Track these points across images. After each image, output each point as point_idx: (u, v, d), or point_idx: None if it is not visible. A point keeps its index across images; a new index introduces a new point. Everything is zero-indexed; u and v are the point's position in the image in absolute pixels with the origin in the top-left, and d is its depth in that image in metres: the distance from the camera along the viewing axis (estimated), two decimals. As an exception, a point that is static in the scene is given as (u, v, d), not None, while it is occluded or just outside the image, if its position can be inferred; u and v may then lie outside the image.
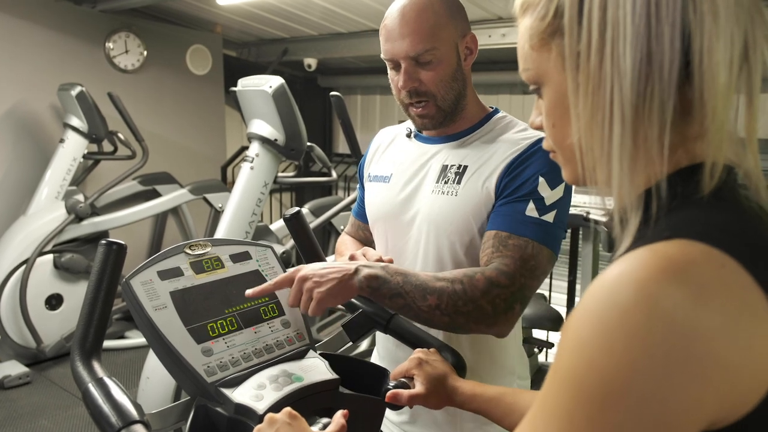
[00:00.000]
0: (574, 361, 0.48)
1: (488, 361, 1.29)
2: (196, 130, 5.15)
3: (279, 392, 0.99)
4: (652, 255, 0.48)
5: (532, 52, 0.63)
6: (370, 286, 1.10)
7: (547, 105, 0.64)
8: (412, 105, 1.26)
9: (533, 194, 1.16)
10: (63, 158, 4.03)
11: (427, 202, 1.28)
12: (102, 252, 0.98)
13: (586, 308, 0.49)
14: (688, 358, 0.44)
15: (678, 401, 0.45)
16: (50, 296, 3.92)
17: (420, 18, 1.20)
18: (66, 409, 3.37)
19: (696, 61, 0.52)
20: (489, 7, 3.68)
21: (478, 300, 1.09)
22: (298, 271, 1.10)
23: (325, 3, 4.06)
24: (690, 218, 0.53)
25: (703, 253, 0.48)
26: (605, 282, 0.49)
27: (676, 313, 0.45)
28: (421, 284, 1.10)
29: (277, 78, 2.87)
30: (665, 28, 0.52)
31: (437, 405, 1.02)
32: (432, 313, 1.10)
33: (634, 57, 0.52)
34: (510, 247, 1.14)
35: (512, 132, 1.26)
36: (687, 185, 0.55)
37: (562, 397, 0.49)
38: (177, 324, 1.01)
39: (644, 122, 0.53)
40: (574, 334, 0.49)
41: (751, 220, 0.54)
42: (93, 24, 4.48)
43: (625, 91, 0.53)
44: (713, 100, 0.53)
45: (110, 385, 0.91)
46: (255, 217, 2.98)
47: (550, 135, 0.66)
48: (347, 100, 5.89)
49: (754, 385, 0.47)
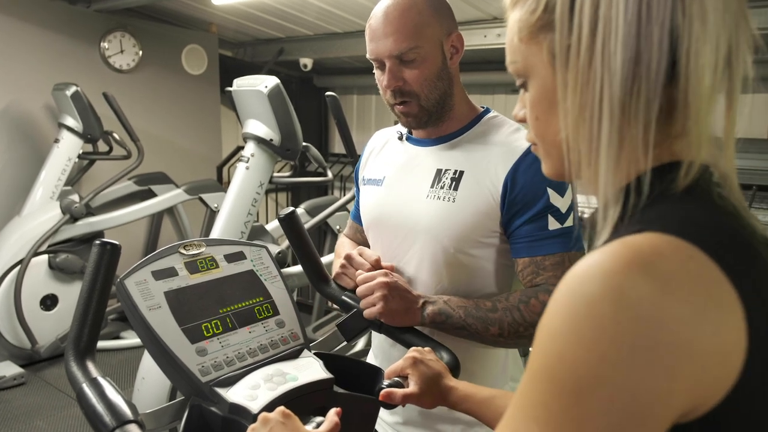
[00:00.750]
0: (547, 353, 0.49)
1: (480, 362, 1.29)
2: (192, 130, 5.14)
3: (273, 392, 0.99)
4: (621, 247, 0.49)
5: (521, 44, 0.63)
6: (434, 321, 1.20)
7: (532, 98, 0.64)
8: (397, 104, 1.27)
9: (549, 208, 1.18)
10: (58, 158, 4.02)
11: (422, 207, 1.27)
12: (96, 252, 0.98)
13: (557, 300, 0.50)
14: (656, 348, 0.45)
15: (647, 390, 0.45)
16: (45, 297, 3.91)
17: (403, 17, 1.21)
18: (61, 409, 3.36)
19: (683, 63, 0.53)
20: (484, 7, 3.69)
21: (537, 323, 1.10)
22: (384, 275, 1.20)
23: (320, 3, 4.06)
24: (662, 212, 0.54)
25: (671, 245, 0.49)
26: (575, 274, 0.50)
27: (642, 303, 0.46)
28: (482, 316, 1.18)
29: (272, 78, 2.87)
30: (655, 29, 0.52)
31: (431, 404, 1.02)
32: (496, 340, 1.20)
33: (624, 55, 0.53)
34: (549, 268, 1.18)
35: (505, 134, 1.26)
36: (662, 182, 0.56)
37: (537, 389, 0.49)
38: (171, 324, 1.02)
39: (630, 120, 0.54)
40: (547, 326, 0.50)
41: (722, 216, 0.55)
42: (88, 24, 4.47)
43: (615, 88, 0.54)
44: (697, 102, 0.53)
45: (104, 385, 0.91)
46: (250, 217, 2.98)
47: (533, 128, 0.66)
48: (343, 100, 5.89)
49: (723, 374, 0.48)
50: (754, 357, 0.49)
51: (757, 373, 0.49)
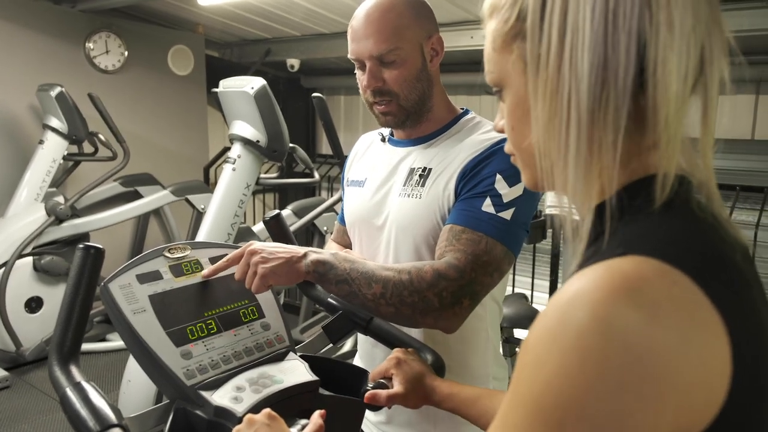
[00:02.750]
0: (532, 380, 0.48)
1: (462, 362, 1.29)
2: (178, 131, 5.12)
3: (258, 394, 0.99)
4: (606, 273, 0.49)
5: (495, 54, 0.64)
6: (317, 271, 1.12)
7: (508, 108, 0.65)
8: (376, 103, 1.28)
9: (490, 191, 1.16)
10: (42, 160, 3.98)
11: (394, 206, 1.29)
12: (80, 256, 0.98)
13: (544, 327, 0.49)
14: (644, 379, 0.45)
15: (635, 422, 0.45)
16: (30, 299, 3.88)
17: (384, 19, 1.22)
18: (46, 413, 3.33)
19: (650, 70, 0.53)
20: (470, 8, 3.70)
21: (424, 291, 1.09)
22: (250, 245, 1.12)
23: (307, 4, 4.06)
24: (643, 232, 0.53)
25: (655, 270, 0.48)
26: (561, 301, 0.49)
27: (629, 333, 0.45)
28: (368, 272, 1.12)
29: (258, 79, 2.86)
30: (622, 36, 0.53)
31: (416, 404, 1.02)
32: (377, 302, 1.11)
33: (591, 62, 0.53)
34: (463, 242, 1.14)
35: (478, 133, 1.27)
36: (639, 197, 0.56)
37: (521, 415, 0.49)
38: (156, 327, 1.01)
39: (599, 127, 0.54)
40: (532, 352, 0.49)
41: (703, 232, 0.54)
42: (72, 24, 4.44)
43: (582, 95, 0.54)
44: (665, 108, 0.53)
45: (88, 390, 0.91)
46: (237, 219, 2.98)
47: (509, 138, 0.67)
48: (330, 101, 5.89)
49: (708, 400, 0.48)
50: (738, 381, 0.48)
51: (742, 398, 0.49)
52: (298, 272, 1.12)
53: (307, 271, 1.12)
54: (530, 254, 4.04)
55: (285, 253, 1.12)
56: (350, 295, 1.13)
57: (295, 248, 1.14)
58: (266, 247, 1.12)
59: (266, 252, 1.11)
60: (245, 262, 1.11)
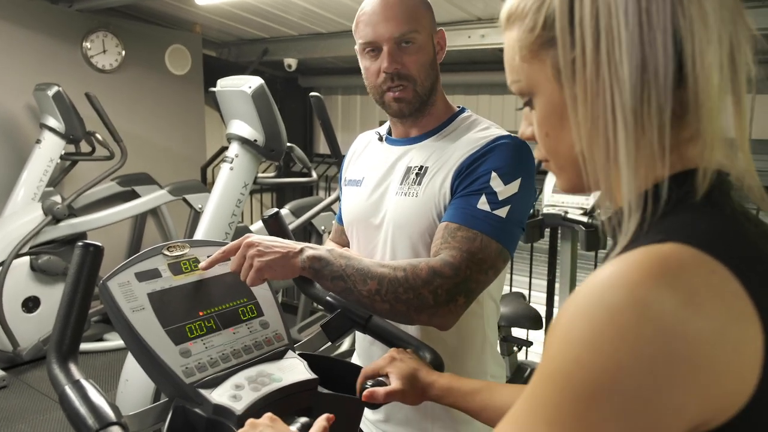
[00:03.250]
0: (563, 358, 0.49)
1: (460, 361, 1.30)
2: (176, 131, 5.11)
3: (257, 393, 0.99)
4: (645, 257, 0.49)
5: (522, 63, 0.63)
6: (313, 267, 1.12)
7: (540, 115, 0.64)
8: (390, 89, 1.27)
9: (486, 189, 1.17)
10: (39, 159, 3.97)
11: (391, 204, 1.30)
12: (78, 254, 0.98)
13: (578, 307, 0.50)
14: (675, 362, 0.45)
15: (662, 403, 0.46)
16: (27, 299, 3.87)
17: (403, 4, 1.26)
18: (44, 412, 3.33)
19: (689, 65, 0.53)
20: (468, 8, 3.70)
21: (419, 288, 1.09)
22: (247, 237, 1.13)
23: (304, 3, 4.06)
24: (683, 222, 0.54)
25: (694, 258, 0.49)
26: (597, 282, 0.49)
27: (665, 316, 0.46)
28: (364, 268, 1.12)
29: (256, 78, 2.86)
30: (658, 34, 0.53)
31: (414, 401, 1.02)
32: (372, 299, 1.11)
33: (630, 64, 0.53)
34: (458, 239, 1.14)
35: (474, 131, 1.28)
36: (680, 189, 0.56)
37: (550, 392, 0.49)
38: (155, 325, 1.01)
39: (644, 126, 0.54)
40: (564, 331, 0.50)
41: (740, 225, 0.55)
42: (70, 23, 4.43)
43: (625, 97, 0.54)
44: (708, 102, 0.54)
45: (87, 387, 0.91)
46: (235, 218, 2.97)
47: (543, 145, 0.66)
48: (328, 100, 5.89)
49: (739, 388, 0.48)
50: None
51: None
52: (293, 267, 1.12)
53: (303, 267, 1.12)
54: (528, 253, 4.04)
55: (281, 247, 1.12)
56: (345, 291, 1.13)
57: (291, 243, 1.14)
58: (263, 241, 1.12)
59: (263, 245, 1.11)
60: (241, 254, 1.11)
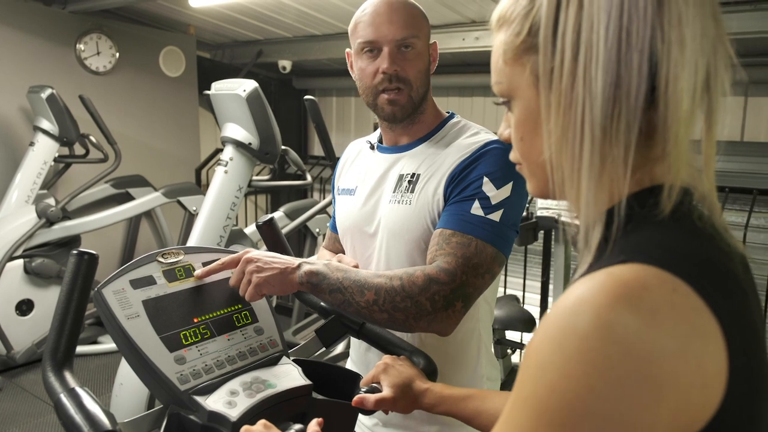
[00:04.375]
0: (536, 384, 0.50)
1: (455, 364, 1.31)
2: (170, 133, 5.11)
3: (252, 399, 1.00)
4: (608, 280, 0.51)
5: (505, 66, 0.65)
6: (310, 282, 1.13)
7: (517, 119, 0.66)
8: (386, 91, 1.28)
9: (478, 194, 1.18)
10: (33, 162, 3.97)
11: (385, 212, 1.31)
12: (73, 262, 0.98)
13: (548, 331, 0.51)
14: (643, 380, 0.47)
15: (635, 421, 0.47)
16: (21, 302, 3.86)
17: (407, 9, 1.28)
18: (37, 416, 3.32)
19: (662, 88, 0.54)
20: (463, 11, 3.71)
21: (416, 296, 1.11)
22: (246, 253, 1.14)
23: (298, 5, 4.06)
24: (645, 241, 0.55)
25: (655, 278, 0.50)
26: (565, 307, 0.51)
27: (630, 338, 0.47)
28: (360, 280, 1.13)
29: (250, 82, 2.86)
30: (634, 55, 0.54)
31: (406, 409, 1.03)
32: (370, 309, 1.12)
33: (604, 80, 0.54)
34: (453, 245, 1.15)
35: (464, 137, 1.29)
36: (644, 206, 0.57)
37: (526, 416, 0.51)
38: (150, 333, 1.02)
39: (611, 143, 0.55)
40: (536, 357, 0.51)
41: (703, 242, 0.56)
42: (63, 25, 4.42)
43: (596, 112, 0.55)
44: (676, 126, 0.55)
45: (82, 396, 0.91)
46: (229, 221, 2.97)
47: (517, 148, 0.67)
48: (322, 102, 5.89)
49: (705, 402, 0.50)
50: (734, 384, 0.50)
51: (737, 400, 0.51)
52: (291, 283, 1.14)
53: (301, 282, 1.14)
54: (522, 256, 4.06)
55: (280, 263, 1.13)
56: (344, 304, 1.14)
57: (289, 259, 1.16)
58: (262, 257, 1.13)
59: (261, 261, 1.12)
60: (240, 270, 1.13)
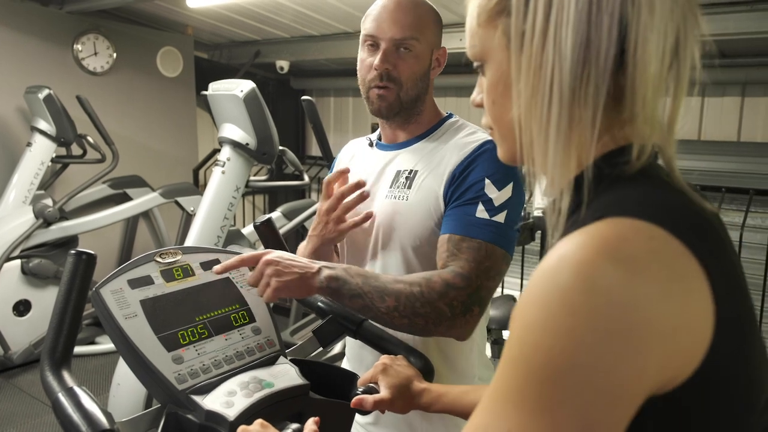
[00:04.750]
0: (522, 343, 0.51)
1: (448, 364, 1.31)
2: (168, 133, 5.10)
3: (249, 398, 1.00)
4: (587, 236, 0.51)
5: (479, 28, 0.65)
6: (330, 287, 1.13)
7: (489, 82, 0.67)
8: (377, 86, 1.30)
9: (481, 197, 1.19)
10: (30, 162, 3.97)
11: (380, 207, 1.32)
12: (71, 262, 0.98)
13: (530, 293, 0.52)
14: (628, 329, 0.47)
15: (622, 370, 0.47)
16: (18, 302, 3.86)
17: (414, 10, 1.29)
18: (35, 417, 3.32)
19: (630, 51, 0.55)
20: (459, 11, 3.72)
21: (435, 302, 1.12)
22: (266, 254, 1.13)
23: (296, 6, 4.06)
24: (619, 197, 0.56)
25: (632, 228, 0.51)
26: (546, 267, 0.51)
27: (612, 288, 0.48)
28: (380, 286, 1.13)
29: (248, 82, 2.87)
30: (605, 17, 0.55)
31: (403, 409, 1.04)
32: (391, 315, 1.13)
33: (574, 41, 0.55)
34: (464, 250, 1.16)
35: (461, 135, 1.31)
36: (614, 167, 0.58)
37: (513, 378, 0.51)
38: (147, 332, 1.02)
39: (579, 104, 0.56)
40: (521, 318, 0.52)
41: (675, 194, 0.57)
42: (60, 25, 4.42)
43: (565, 73, 0.56)
44: (643, 89, 0.56)
45: (80, 395, 0.91)
46: (227, 222, 2.98)
47: (489, 112, 0.68)
48: (320, 102, 5.89)
49: (692, 347, 0.50)
50: (721, 326, 0.51)
51: (726, 342, 0.51)
52: (311, 287, 1.14)
53: (321, 287, 1.14)
54: (519, 256, 4.06)
55: (300, 267, 1.13)
56: (364, 309, 1.14)
57: (309, 263, 1.15)
58: (282, 260, 1.12)
59: (281, 265, 1.11)
60: (260, 271, 1.12)
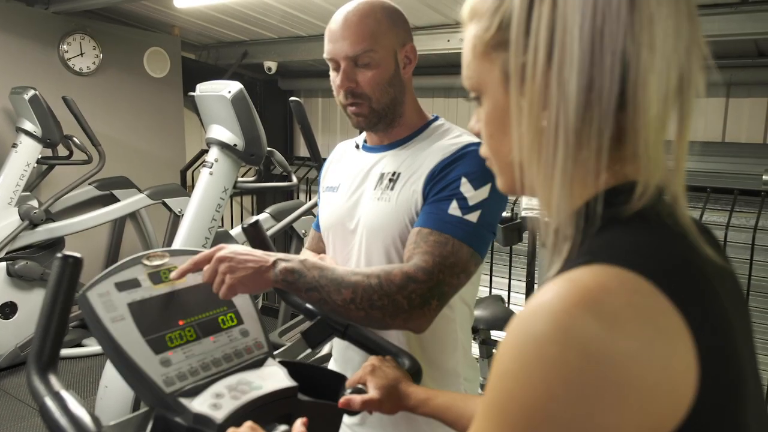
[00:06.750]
0: (499, 390, 0.50)
1: (435, 364, 1.32)
2: (155, 134, 5.08)
3: (237, 401, 1.00)
4: (568, 284, 0.49)
5: (475, 60, 0.63)
6: (286, 280, 1.13)
7: (486, 115, 0.64)
8: (349, 105, 1.32)
9: (456, 194, 1.19)
10: (16, 163, 3.93)
11: (365, 210, 1.33)
12: (58, 266, 0.98)
13: (508, 339, 0.50)
14: (604, 386, 0.45)
15: (598, 425, 0.46)
16: (4, 304, 3.82)
17: (361, 23, 1.27)
18: (21, 420, 3.29)
19: (631, 91, 0.53)
20: (448, 12, 3.73)
21: (393, 295, 1.11)
22: (219, 250, 1.12)
23: (283, 6, 4.06)
24: (611, 240, 0.54)
25: (617, 279, 0.49)
26: (525, 314, 0.50)
27: (589, 342, 0.46)
28: (337, 278, 1.13)
29: (235, 83, 2.86)
30: (607, 57, 0.52)
31: (391, 410, 1.04)
32: (347, 307, 1.12)
33: (579, 83, 0.53)
34: (430, 244, 1.16)
35: (446, 139, 1.31)
36: (612, 206, 0.56)
37: (491, 424, 0.50)
38: (135, 335, 1.02)
39: (583, 146, 0.54)
40: (498, 363, 0.51)
41: (672, 240, 0.55)
42: (46, 26, 4.38)
43: (570, 116, 0.53)
44: (645, 131, 0.53)
45: (67, 399, 0.91)
46: (215, 223, 2.97)
47: (487, 144, 0.66)
48: (308, 103, 5.88)
49: (673, 404, 0.48)
50: (706, 387, 0.48)
51: (711, 400, 0.49)
52: (266, 281, 1.12)
53: (276, 280, 1.12)
54: (507, 256, 4.08)
55: (253, 262, 1.11)
56: (320, 302, 1.13)
57: (264, 256, 1.13)
58: (235, 255, 1.11)
59: (235, 261, 1.10)
60: (213, 268, 1.11)
